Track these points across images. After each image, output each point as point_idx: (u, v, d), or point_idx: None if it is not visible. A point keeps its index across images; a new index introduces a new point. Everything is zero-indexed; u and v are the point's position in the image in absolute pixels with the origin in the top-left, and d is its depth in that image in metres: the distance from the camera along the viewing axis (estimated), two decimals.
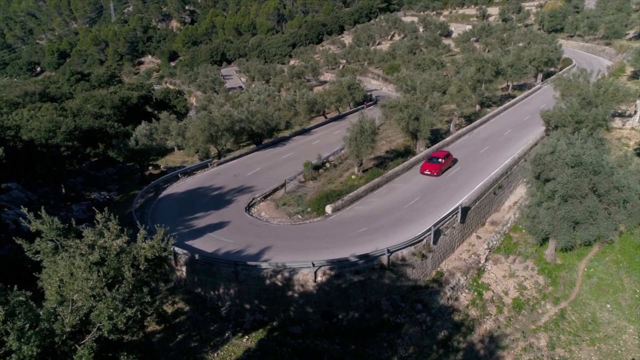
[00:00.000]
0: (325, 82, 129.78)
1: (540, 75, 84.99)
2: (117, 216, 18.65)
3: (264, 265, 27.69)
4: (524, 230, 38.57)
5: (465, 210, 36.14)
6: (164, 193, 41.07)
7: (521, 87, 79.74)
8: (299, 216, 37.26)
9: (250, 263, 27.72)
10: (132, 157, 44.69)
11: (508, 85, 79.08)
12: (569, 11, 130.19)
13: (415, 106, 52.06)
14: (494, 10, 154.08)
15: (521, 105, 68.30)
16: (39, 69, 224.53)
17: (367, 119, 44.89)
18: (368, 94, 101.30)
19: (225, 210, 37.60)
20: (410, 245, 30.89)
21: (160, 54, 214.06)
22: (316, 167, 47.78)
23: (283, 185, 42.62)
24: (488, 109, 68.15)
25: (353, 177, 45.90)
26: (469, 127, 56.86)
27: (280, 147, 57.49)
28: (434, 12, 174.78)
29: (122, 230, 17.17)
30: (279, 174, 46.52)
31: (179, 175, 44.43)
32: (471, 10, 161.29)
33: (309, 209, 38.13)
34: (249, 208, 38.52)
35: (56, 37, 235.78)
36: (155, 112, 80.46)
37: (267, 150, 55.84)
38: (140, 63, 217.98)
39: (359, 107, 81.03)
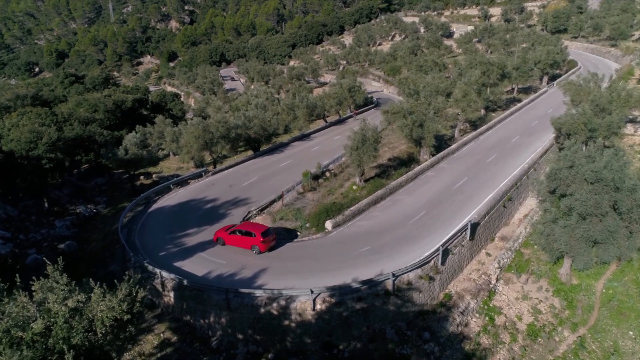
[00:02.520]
0: (325, 83, 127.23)
1: (545, 78, 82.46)
2: (101, 232, 16.05)
3: (258, 293, 25.20)
4: (535, 247, 36.18)
5: (474, 226, 33.66)
6: (155, 206, 38.52)
7: (526, 90, 77.23)
8: (298, 232, 34.76)
9: (243, 290, 25.23)
10: (121, 167, 42.21)
11: (513, 89, 76.55)
12: (573, 12, 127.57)
13: (420, 112, 49.61)
14: (495, 11, 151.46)
15: (528, 109, 65.75)
16: (37, 69, 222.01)
17: (369, 127, 42.38)
18: (369, 96, 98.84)
19: (219, 225, 35.07)
20: (417, 267, 28.39)
21: (159, 54, 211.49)
22: (315, 177, 45.28)
23: (281, 197, 40.13)
24: (493, 114, 65.63)
25: (354, 187, 43.40)
26: (474, 133, 54.33)
27: (278, 154, 54.97)
28: (435, 13, 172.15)
29: (79, 283, 14.27)
30: (276, 183, 44.05)
31: (171, 186, 41.90)
32: (473, 11, 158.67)
33: (307, 224, 35.64)
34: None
35: (55, 37, 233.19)
36: (151, 115, 78.02)
37: (264, 158, 53.33)
38: (139, 63, 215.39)
39: (358, 110, 77.79)
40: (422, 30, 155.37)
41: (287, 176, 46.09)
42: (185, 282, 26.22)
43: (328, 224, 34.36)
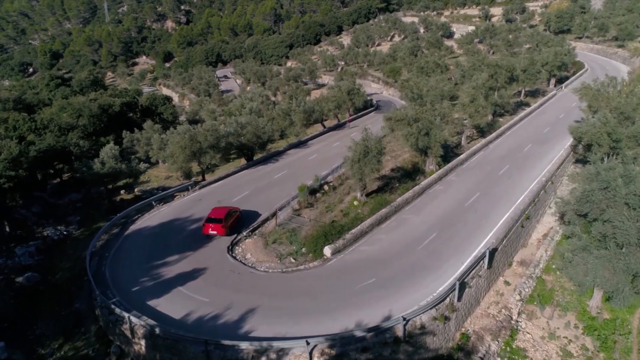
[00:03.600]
0: (323, 85, 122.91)
1: (552, 81, 78.29)
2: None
3: (243, 345, 20.89)
4: (558, 272, 32.04)
5: (492, 252, 29.44)
6: (133, 227, 34.13)
7: (534, 94, 73.05)
8: (292, 259, 30.47)
9: (225, 342, 20.92)
10: (98, 183, 37.82)
11: (519, 92, 72.34)
12: (576, 12, 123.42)
13: (425, 119, 45.35)
14: (496, 11, 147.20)
15: (537, 115, 61.52)
16: (31, 69, 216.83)
17: (372, 137, 38.08)
18: (368, 98, 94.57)
19: (204, 251, 30.78)
20: (431, 307, 24.14)
21: (154, 54, 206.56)
22: (313, 191, 41.00)
23: (274, 215, 35.82)
24: (501, 119, 61.33)
25: (355, 203, 39.10)
26: (483, 141, 50.06)
27: (273, 164, 50.65)
28: (435, 13, 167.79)
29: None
30: (270, 198, 39.78)
31: (153, 202, 37.51)
32: (473, 11, 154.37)
33: (303, 249, 31.34)
34: (232, 247, 31.69)
35: (49, 37, 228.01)
36: (140, 120, 73.58)
37: (258, 168, 48.99)
38: (135, 64, 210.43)
39: (352, 117, 73.17)
40: (421, 30, 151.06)
41: (281, 189, 41.84)
42: (157, 330, 21.87)
43: (327, 250, 30.08)
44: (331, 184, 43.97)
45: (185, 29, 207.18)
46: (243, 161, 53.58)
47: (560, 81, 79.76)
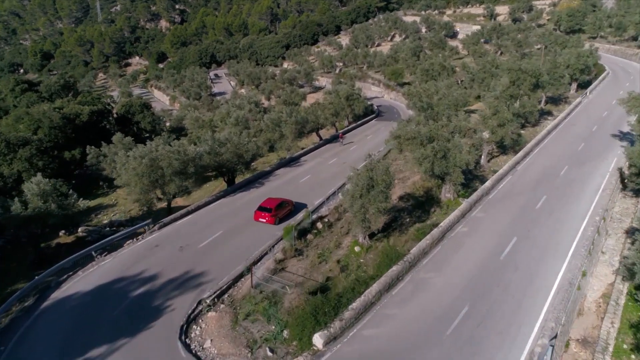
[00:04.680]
0: (320, 87, 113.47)
1: (574, 85, 69.03)
2: None
3: None
4: (634, 357, 22.93)
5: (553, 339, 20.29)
6: (56, 295, 24.74)
7: (555, 101, 63.74)
8: (269, 351, 21.19)
9: None
10: (21, 228, 28.54)
11: (540, 99, 63.09)
12: (588, 10, 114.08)
13: (441, 136, 36.14)
14: (502, 10, 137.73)
15: (566, 127, 52.21)
16: (22, 70, 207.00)
17: (380, 166, 28.83)
18: (368, 103, 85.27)
19: (146, 336, 21.55)
20: None
21: (147, 55, 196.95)
22: (303, 232, 31.78)
23: (249, 271, 26.57)
24: (522, 131, 52.07)
25: (357, 249, 29.92)
26: (510, 162, 40.73)
27: (257, 189, 41.38)
28: (436, 12, 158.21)
29: None
30: (247, 241, 30.62)
31: (94, 253, 28.22)
32: (477, 10, 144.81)
33: (285, 332, 22.10)
34: (187, 329, 22.41)
35: (40, 37, 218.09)
36: (115, 130, 64.34)
37: (238, 196, 39.69)
38: (127, 65, 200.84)
39: (345, 130, 63.48)
40: (423, 30, 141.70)
41: (263, 227, 32.65)
42: None
43: (317, 339, 20.80)
44: (326, 218, 34.72)
45: (179, 28, 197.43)
46: (224, 185, 44.42)
47: (581, 86, 70.56)
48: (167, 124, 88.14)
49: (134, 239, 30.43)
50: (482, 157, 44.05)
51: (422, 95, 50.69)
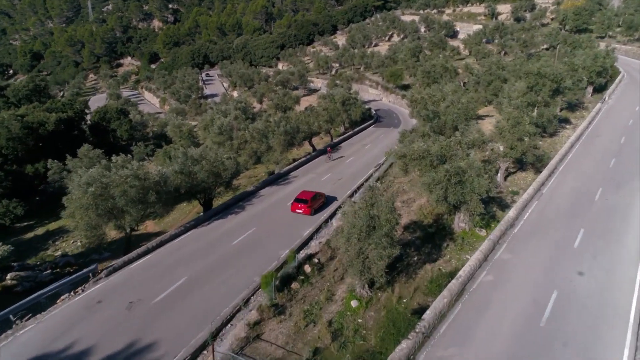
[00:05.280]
0: (315, 90, 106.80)
1: (590, 89, 62.46)
2: None
3: None
4: None
5: None
6: None
7: (571, 107, 57.11)
8: None
9: None
10: None
11: (562, 107, 56.50)
12: (595, 8, 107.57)
13: (455, 155, 29.53)
14: (503, 8, 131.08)
15: (590, 138, 45.61)
16: (11, 71, 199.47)
17: (384, 202, 22.17)
18: (366, 107, 78.64)
19: None
20: None
21: (140, 55, 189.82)
22: (287, 279, 25.11)
23: (210, 346, 19.83)
24: (540, 142, 45.48)
25: (354, 304, 23.26)
26: (535, 184, 34.07)
27: (236, 215, 34.68)
28: (435, 11, 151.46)
29: None
30: (217, 292, 23.97)
31: (12, 318, 21.42)
32: (478, 9, 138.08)
33: None
34: None
35: (30, 37, 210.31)
36: (88, 139, 57.63)
37: (212, 225, 32.96)
38: (119, 65, 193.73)
39: (333, 144, 56.42)
40: (422, 29, 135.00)
41: (239, 272, 26.03)
42: None
43: None
44: (316, 257, 28.05)
45: (171, 28, 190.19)
46: (199, 210, 37.75)
47: (597, 90, 64.05)
48: (153, 129, 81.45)
49: (70, 295, 23.60)
50: (499, 175, 37.40)
51: (428, 102, 44.06)
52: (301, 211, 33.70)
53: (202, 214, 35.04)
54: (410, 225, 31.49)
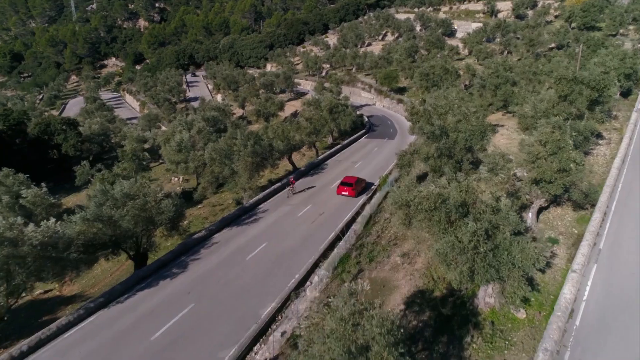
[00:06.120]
0: (303, 93, 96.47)
1: (617, 95, 52.53)
2: None
3: None
4: None
5: None
6: None
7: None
8: None
9: None
10: None
11: (603, 118, 46.56)
12: (604, 4, 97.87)
13: (480, 201, 19.63)
14: (503, 5, 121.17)
15: (637, 157, 35.50)
16: None
17: (378, 315, 12.07)
18: (357, 113, 68.57)
19: None
20: None
21: (124, 56, 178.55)
22: None
23: None
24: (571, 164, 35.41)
25: None
26: (588, 237, 23.86)
27: (173, 281, 24.41)
28: (431, 9, 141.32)
29: None
30: None
31: None
32: (476, 6, 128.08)
33: None
34: None
35: (11, 37, 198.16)
36: (34, 155, 47.34)
37: (135, 299, 22.71)
38: (103, 66, 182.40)
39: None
40: (418, 28, 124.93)
41: None
42: None
43: None
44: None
45: (157, 27, 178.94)
46: (128, 266, 27.50)
47: (623, 95, 54.30)
48: (118, 141, 70.71)
49: None
50: (529, 217, 27.35)
51: (432, 114, 33.95)
52: (346, 194, 35.03)
53: (127, 278, 24.81)
54: (416, 299, 21.58)
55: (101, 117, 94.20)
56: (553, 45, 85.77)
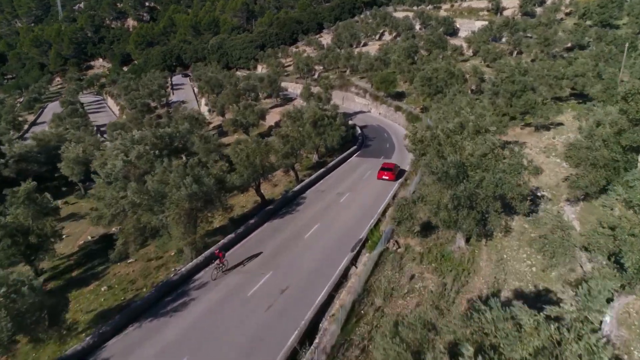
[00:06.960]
0: (291, 98, 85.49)
1: None
2: None
3: None
4: None
5: None
6: None
7: None
8: None
9: None
10: None
11: None
12: (622, 0, 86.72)
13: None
14: (509, 2, 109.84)
15: None
16: None
17: None
18: (349, 122, 57.76)
19: None
20: None
21: (111, 57, 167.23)
22: None
23: None
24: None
25: None
26: None
27: None
28: (431, 7, 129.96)
29: None
30: None
31: None
32: (479, 3, 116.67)
33: None
34: None
35: None
36: None
37: None
38: (89, 67, 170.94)
39: (311, 179, 34.62)
40: (417, 27, 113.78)
41: None
42: None
43: None
44: None
45: (145, 27, 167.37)
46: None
47: None
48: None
49: None
50: (611, 317, 16.41)
51: (445, 143, 23.00)
52: (387, 178, 37.72)
53: None
54: None
55: (71, 125, 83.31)
56: (569, 44, 74.79)
